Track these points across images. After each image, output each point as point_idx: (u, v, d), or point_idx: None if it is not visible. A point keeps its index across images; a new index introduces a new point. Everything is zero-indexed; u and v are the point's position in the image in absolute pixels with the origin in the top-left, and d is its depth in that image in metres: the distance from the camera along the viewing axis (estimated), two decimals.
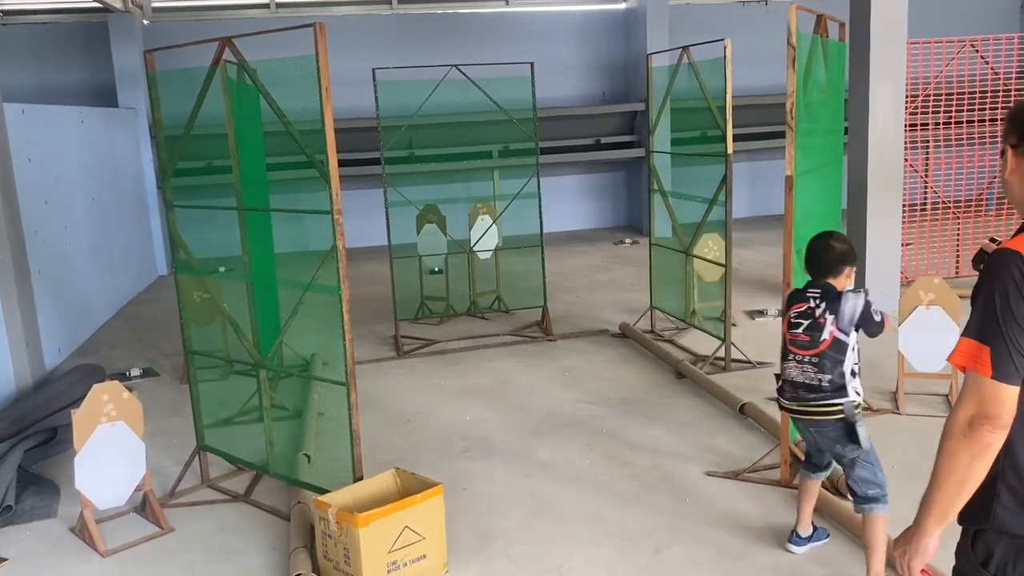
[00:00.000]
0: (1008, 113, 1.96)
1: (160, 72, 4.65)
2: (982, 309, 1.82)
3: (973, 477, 1.82)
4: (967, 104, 8.31)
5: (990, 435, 1.79)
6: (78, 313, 8.14)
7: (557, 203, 13.70)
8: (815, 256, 3.59)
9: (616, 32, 13.60)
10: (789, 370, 3.59)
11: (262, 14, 12.75)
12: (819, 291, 3.54)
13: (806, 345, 3.52)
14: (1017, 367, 1.78)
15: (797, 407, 3.58)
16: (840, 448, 3.52)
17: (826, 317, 3.48)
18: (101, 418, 4.19)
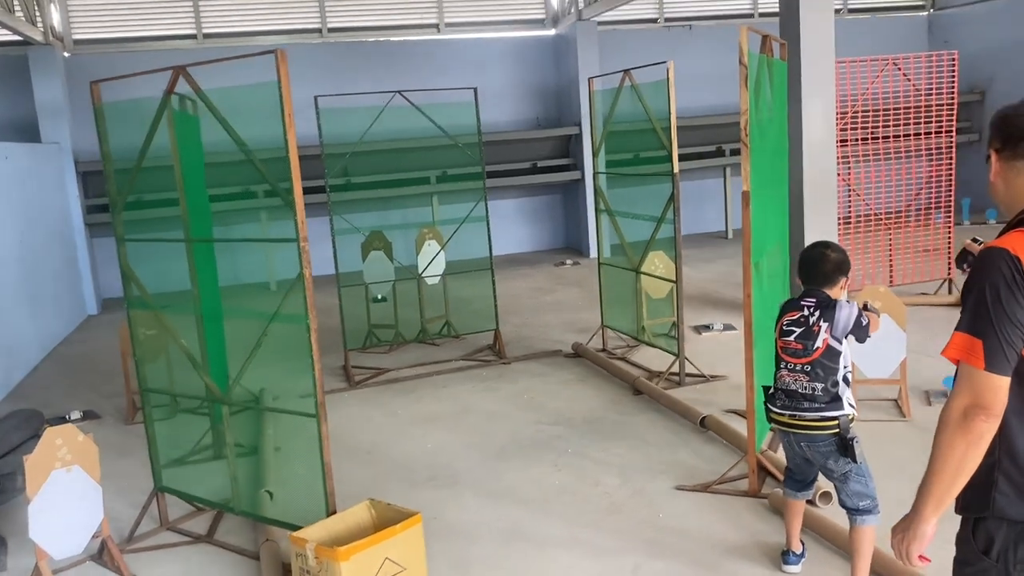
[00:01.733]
0: (992, 120, 2.08)
1: (107, 104, 4.51)
2: (973, 305, 1.90)
3: (968, 465, 1.90)
4: (892, 119, 8.66)
5: (983, 424, 1.88)
6: (8, 355, 7.80)
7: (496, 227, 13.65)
8: (811, 266, 3.58)
9: (547, 57, 13.79)
10: (782, 377, 3.55)
11: (188, 45, 12.55)
12: (814, 300, 3.53)
13: (799, 353, 3.50)
14: (1008, 359, 1.87)
15: (790, 418, 3.50)
16: (832, 463, 3.46)
17: (820, 325, 3.47)
18: (55, 463, 4.01)
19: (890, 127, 8.63)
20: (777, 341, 3.60)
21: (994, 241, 1.95)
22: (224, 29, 12.74)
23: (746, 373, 4.53)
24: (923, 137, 8.68)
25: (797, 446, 3.56)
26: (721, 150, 13.50)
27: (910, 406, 5.55)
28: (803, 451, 3.55)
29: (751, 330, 4.46)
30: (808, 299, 3.55)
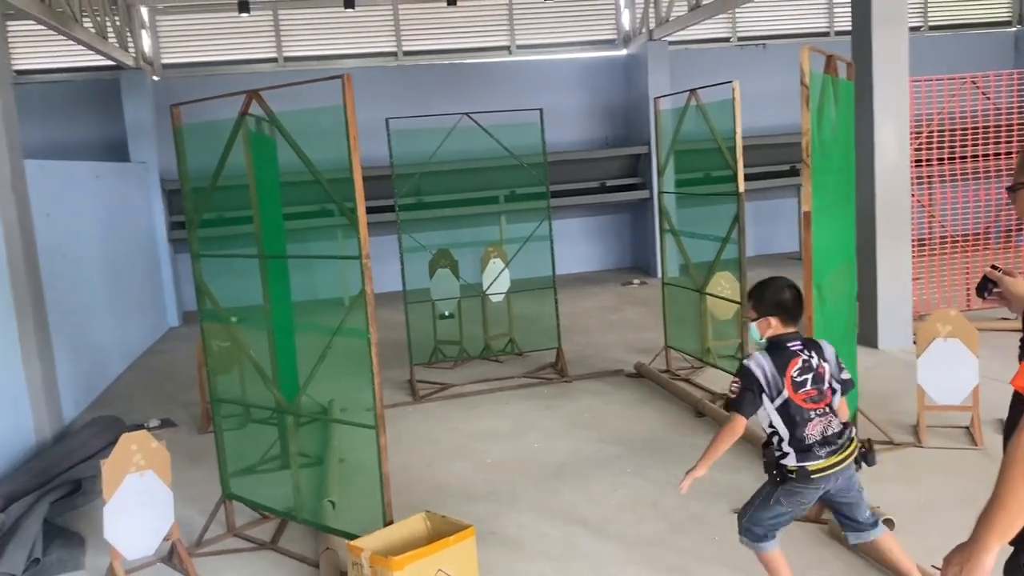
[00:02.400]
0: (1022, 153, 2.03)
1: (185, 126, 4.75)
2: None
3: None
4: (970, 140, 8.43)
5: None
6: (94, 366, 8.18)
7: (564, 246, 13.77)
8: (799, 305, 3.40)
9: (618, 77, 13.83)
10: (814, 427, 3.29)
11: (270, 68, 12.99)
12: (801, 342, 3.37)
13: (817, 398, 3.33)
14: None
15: (837, 460, 3.31)
16: (855, 481, 3.43)
17: (823, 366, 3.36)
18: (130, 467, 4.21)
19: (968, 147, 8.40)
20: (793, 397, 3.28)
21: None
22: (303, 53, 13.16)
23: None
24: (1003, 158, 8.42)
25: (835, 487, 3.39)
26: (795, 169, 13.30)
27: (982, 434, 5.38)
28: (832, 485, 3.37)
29: None
30: (795, 342, 3.36)
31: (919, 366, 5.45)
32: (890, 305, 7.71)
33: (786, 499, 3.37)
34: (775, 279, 3.46)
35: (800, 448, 3.28)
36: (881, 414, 5.90)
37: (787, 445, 3.30)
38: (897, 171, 7.60)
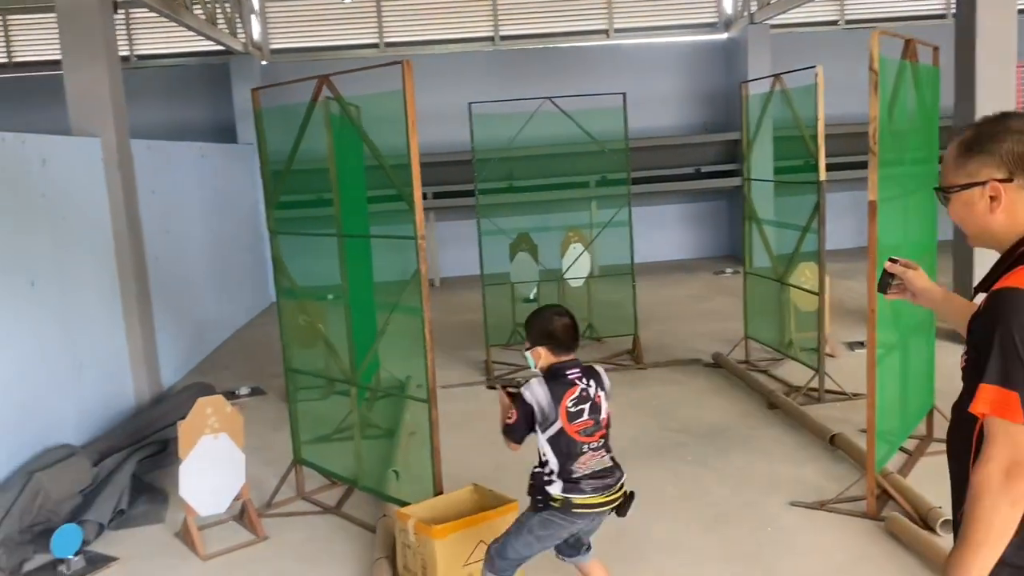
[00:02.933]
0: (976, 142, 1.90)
1: (266, 109, 4.99)
2: (1001, 353, 1.73)
3: (1011, 527, 1.74)
4: None
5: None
6: (194, 335, 8.67)
7: (658, 232, 13.71)
8: (570, 334, 3.22)
9: (718, 61, 13.58)
10: (585, 463, 3.15)
11: (372, 54, 13.34)
12: (580, 370, 3.20)
13: (592, 430, 3.17)
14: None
15: (603, 498, 3.17)
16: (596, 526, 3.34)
17: (600, 394, 3.21)
18: (205, 430, 4.49)
19: None
20: (567, 427, 3.11)
21: (1006, 281, 1.78)
22: (404, 39, 13.46)
23: (868, 391, 4.36)
24: None
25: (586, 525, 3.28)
26: None
27: None
28: (586, 525, 3.27)
29: (874, 348, 4.30)
30: (573, 371, 3.18)
31: None
32: None
33: (540, 528, 3.23)
34: (546, 308, 3.37)
35: (568, 479, 3.15)
36: None
37: (556, 476, 3.17)
38: None
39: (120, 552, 4.52)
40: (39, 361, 5.36)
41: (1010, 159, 1.83)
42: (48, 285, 5.56)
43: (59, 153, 5.93)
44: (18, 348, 5.11)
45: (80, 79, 6.56)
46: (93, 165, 6.47)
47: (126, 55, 12.88)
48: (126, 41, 12.99)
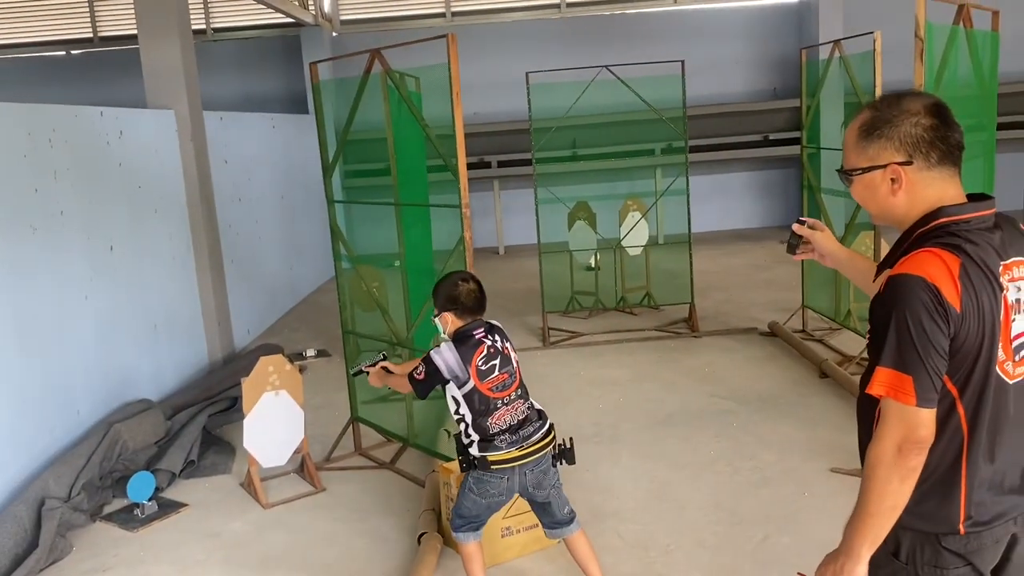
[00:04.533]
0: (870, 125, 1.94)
1: (325, 82, 5.20)
2: (896, 337, 1.80)
3: (903, 500, 1.85)
4: None
5: (917, 458, 1.83)
6: (266, 300, 9.05)
7: (724, 201, 13.59)
8: (474, 298, 3.37)
9: (789, 26, 13.29)
10: (501, 418, 3.27)
11: (439, 23, 13.46)
12: (483, 329, 3.34)
13: (506, 384, 3.30)
14: (936, 392, 1.81)
15: (519, 452, 3.28)
16: (550, 476, 3.40)
17: (507, 345, 3.37)
18: (267, 387, 4.77)
19: None
20: (480, 386, 3.24)
21: (901, 266, 1.83)
22: (472, 7, 13.54)
23: None
24: None
25: (520, 478, 3.32)
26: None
27: None
28: (523, 479, 3.32)
29: None
30: (478, 331, 3.31)
31: None
32: None
33: (476, 487, 3.34)
34: (451, 275, 3.45)
35: (484, 437, 3.27)
36: None
37: (472, 431, 3.28)
38: None
39: (190, 499, 4.87)
40: (117, 321, 5.74)
41: (909, 142, 1.87)
42: (125, 250, 5.93)
43: (135, 125, 6.27)
44: (98, 308, 5.49)
45: (155, 54, 6.88)
46: (167, 136, 6.81)
47: (202, 28, 13.31)
48: (203, 15, 13.41)
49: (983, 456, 1.88)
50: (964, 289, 1.78)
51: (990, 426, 1.87)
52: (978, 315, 1.80)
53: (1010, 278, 1.85)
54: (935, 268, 1.79)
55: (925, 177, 1.88)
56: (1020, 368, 1.89)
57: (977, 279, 1.80)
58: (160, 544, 4.40)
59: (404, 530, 4.34)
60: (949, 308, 1.77)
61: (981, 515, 1.89)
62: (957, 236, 1.83)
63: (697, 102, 11.50)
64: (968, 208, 1.87)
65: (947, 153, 1.87)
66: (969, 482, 1.88)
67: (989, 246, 1.84)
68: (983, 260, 1.81)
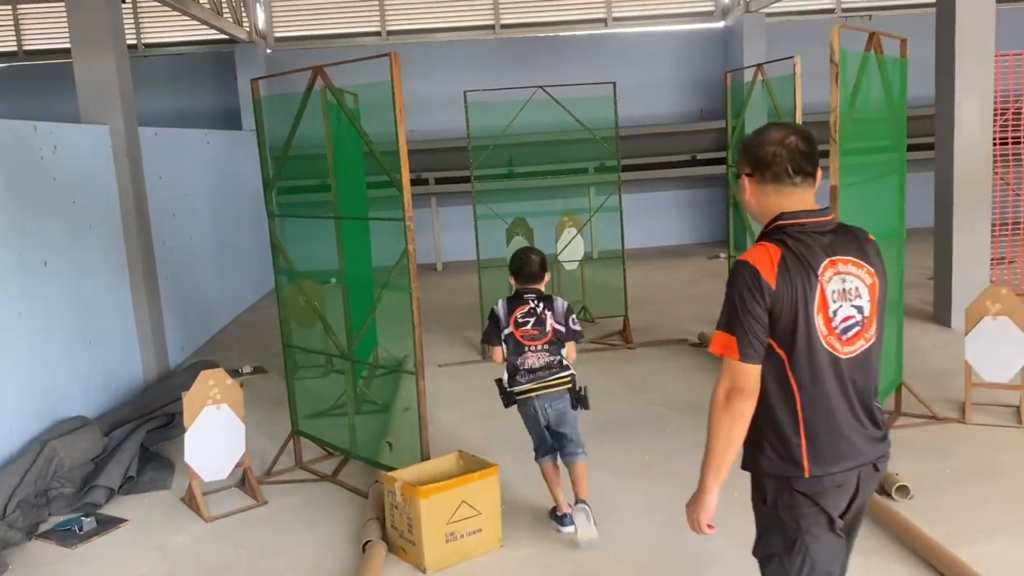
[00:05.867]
0: (740, 147, 2.46)
1: (266, 98, 5.26)
2: (727, 309, 2.30)
3: (735, 437, 2.31)
4: None
5: (742, 403, 2.28)
6: (200, 316, 8.97)
7: (655, 218, 13.96)
8: (531, 270, 4.32)
9: (715, 50, 13.78)
10: (527, 360, 4.23)
11: (374, 42, 13.57)
12: (535, 294, 4.30)
13: (536, 337, 4.24)
14: (756, 351, 2.26)
15: (536, 386, 4.22)
16: (568, 414, 4.27)
17: (546, 313, 4.26)
18: (207, 400, 4.78)
19: None
20: (515, 332, 4.26)
21: (743, 254, 2.32)
22: (406, 27, 13.69)
23: None
24: None
25: (542, 410, 4.24)
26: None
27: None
28: (546, 412, 4.25)
29: None
30: (530, 294, 4.29)
31: (967, 343, 5.48)
32: (966, 285, 7.57)
33: (521, 412, 4.36)
34: (521, 250, 4.46)
35: (512, 373, 4.26)
36: (934, 391, 5.95)
37: (506, 373, 4.29)
38: (978, 149, 7.45)
39: (130, 515, 4.83)
40: (50, 337, 5.67)
41: (755, 161, 2.37)
42: (59, 266, 5.86)
43: (69, 140, 6.22)
44: (31, 324, 5.41)
45: (89, 68, 6.83)
46: (102, 152, 6.76)
47: (134, 44, 13.16)
48: (134, 30, 13.26)
49: (818, 412, 2.31)
50: (780, 273, 2.25)
51: (824, 388, 2.30)
52: (791, 295, 2.25)
53: (835, 272, 2.29)
54: (760, 256, 2.28)
55: (765, 189, 2.37)
56: (849, 346, 2.31)
57: (794, 267, 2.26)
58: (101, 559, 4.37)
59: (348, 539, 4.40)
60: (766, 286, 2.24)
61: (820, 462, 2.31)
62: (786, 234, 2.31)
63: (628, 123, 11.80)
64: (803, 215, 2.34)
65: (782, 174, 2.33)
66: (808, 433, 2.31)
67: (817, 245, 2.30)
68: (803, 254, 2.27)
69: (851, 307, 2.30)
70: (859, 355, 2.33)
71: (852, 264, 2.32)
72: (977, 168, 7.46)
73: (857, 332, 2.32)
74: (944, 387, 6.05)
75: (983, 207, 7.53)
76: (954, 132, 7.40)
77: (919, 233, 9.35)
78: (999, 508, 4.31)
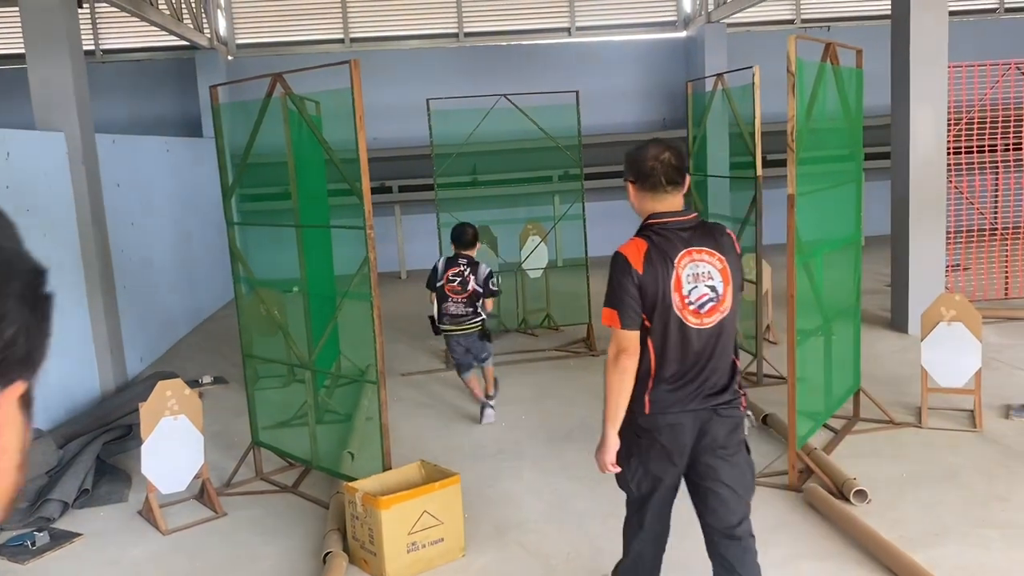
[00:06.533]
0: (627, 158, 3.06)
1: (225, 105, 5.21)
2: (609, 289, 2.94)
3: (625, 388, 2.93)
4: (1013, 128, 8.32)
5: (627, 360, 2.90)
6: (160, 326, 8.84)
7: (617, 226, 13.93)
8: (462, 237, 6.06)
9: (677, 59, 13.91)
10: (447, 308, 5.95)
11: (337, 49, 13.51)
12: (466, 260, 5.98)
13: (459, 292, 5.92)
14: (633, 320, 2.89)
15: (458, 328, 5.97)
16: (479, 347, 6.06)
17: (470, 276, 5.92)
18: (165, 412, 4.71)
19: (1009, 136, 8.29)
20: (445, 286, 5.95)
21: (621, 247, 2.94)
22: (369, 34, 13.65)
23: (788, 372, 4.68)
24: None
25: (461, 345, 6.05)
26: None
27: (983, 417, 5.47)
28: (464, 344, 6.04)
29: (794, 332, 4.61)
30: (463, 259, 5.98)
31: (923, 349, 5.57)
32: (922, 292, 7.70)
33: (447, 343, 6.30)
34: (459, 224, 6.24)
35: (440, 317, 6.02)
36: (891, 395, 6.04)
37: (437, 314, 6.04)
38: (932, 158, 7.59)
39: (85, 529, 4.74)
40: None
41: (634, 170, 3.01)
42: None
43: (23, 147, 6.10)
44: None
45: (44, 74, 6.71)
46: (57, 159, 6.64)
47: (92, 50, 12.96)
48: (91, 36, 13.06)
49: (664, 367, 2.93)
50: (645, 262, 2.87)
51: (673, 351, 2.91)
52: (653, 278, 2.86)
53: (690, 259, 2.90)
54: (631, 249, 2.92)
55: (643, 195, 3.00)
56: (707, 318, 2.91)
57: (656, 257, 2.88)
58: (54, 575, 4.27)
59: (309, 551, 4.35)
60: (634, 272, 2.87)
61: (657, 404, 2.95)
62: (653, 231, 2.95)
63: (591, 131, 11.87)
64: (669, 215, 2.97)
65: (657, 184, 2.95)
66: (655, 382, 2.94)
67: (677, 239, 2.92)
68: (664, 247, 2.90)
69: (705, 287, 2.90)
70: (715, 325, 2.93)
71: (706, 253, 2.92)
72: (932, 177, 7.61)
73: (713, 306, 2.91)
74: (901, 392, 6.15)
75: (938, 215, 7.68)
76: (910, 141, 7.54)
77: (877, 241, 9.52)
78: (954, 511, 4.39)
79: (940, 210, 7.68)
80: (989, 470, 4.84)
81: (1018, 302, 8.39)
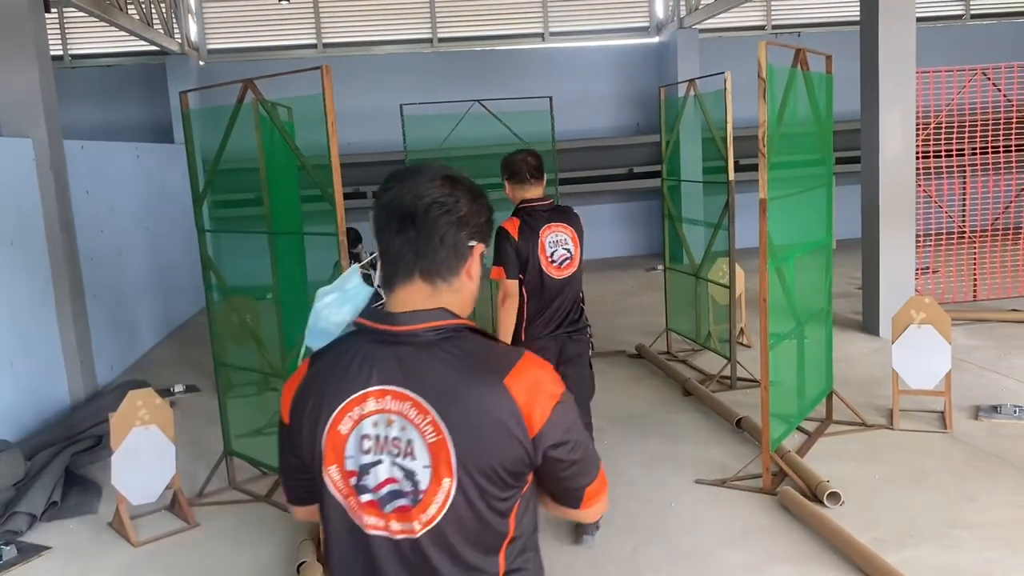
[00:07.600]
0: (503, 162, 4.28)
1: (196, 110, 5.16)
2: (496, 253, 4.10)
3: (510, 323, 4.13)
4: (980, 132, 8.45)
5: (511, 303, 4.13)
6: (130, 334, 8.73)
7: (592, 231, 13.91)
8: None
9: (650, 65, 13.98)
10: None
11: (310, 54, 13.44)
12: None
13: None
14: (514, 272, 4.11)
15: None
16: None
17: None
18: (136, 421, 4.65)
19: (976, 140, 8.42)
20: None
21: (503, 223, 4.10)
22: (342, 40, 13.59)
23: (761, 375, 4.71)
24: (1015, 151, 8.42)
25: None
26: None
27: (953, 419, 5.53)
28: None
29: (767, 335, 4.64)
30: None
31: (893, 351, 5.62)
32: (893, 295, 7.79)
33: None
34: None
35: None
36: (863, 397, 6.09)
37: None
38: (902, 162, 7.68)
39: (53, 542, 4.66)
40: None
41: (509, 171, 4.28)
42: None
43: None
44: None
45: (10, 79, 6.61)
46: (24, 165, 6.54)
47: (60, 55, 12.80)
48: (60, 41, 12.90)
49: (536, 306, 4.19)
50: (520, 233, 4.14)
51: (539, 296, 4.18)
52: (525, 244, 4.12)
53: (550, 231, 4.18)
54: (510, 224, 4.17)
55: (513, 187, 4.28)
56: (565, 272, 4.20)
57: (526, 230, 4.16)
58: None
59: (283, 560, 4.31)
60: (512, 239, 4.11)
61: (531, 332, 4.20)
62: (524, 212, 4.21)
63: (565, 136, 11.91)
64: (533, 201, 4.23)
65: (524, 178, 4.22)
66: (528, 319, 4.20)
67: (540, 217, 4.20)
68: (530, 223, 4.17)
69: (563, 249, 4.20)
70: (568, 277, 4.23)
71: (561, 227, 4.23)
72: (901, 181, 7.70)
73: (568, 263, 4.22)
74: (873, 394, 6.20)
75: (907, 219, 7.77)
76: (879, 146, 7.62)
77: (848, 244, 9.61)
78: (927, 512, 4.43)
79: (909, 214, 7.77)
80: (960, 471, 4.90)
81: (987, 304, 8.51)
